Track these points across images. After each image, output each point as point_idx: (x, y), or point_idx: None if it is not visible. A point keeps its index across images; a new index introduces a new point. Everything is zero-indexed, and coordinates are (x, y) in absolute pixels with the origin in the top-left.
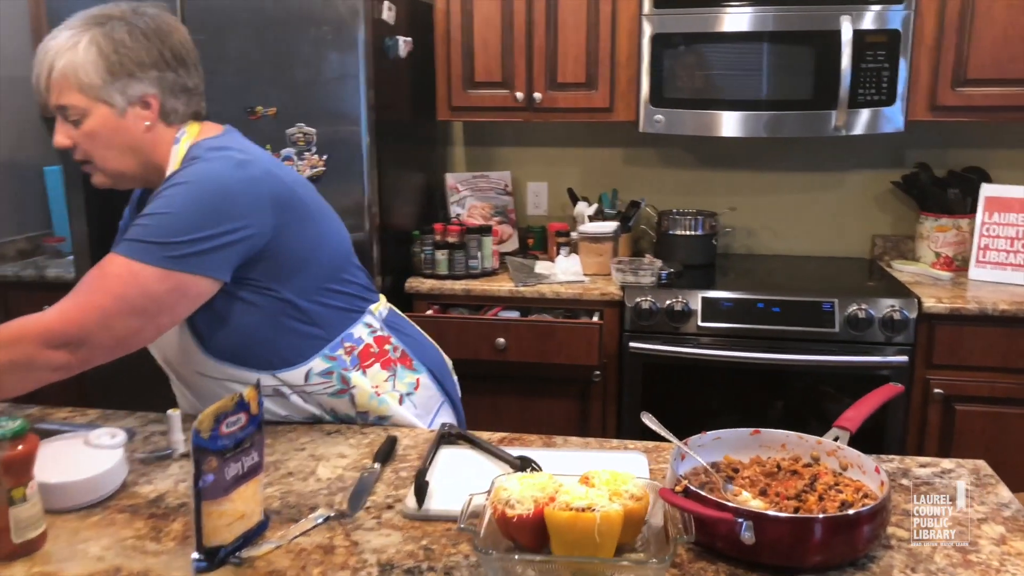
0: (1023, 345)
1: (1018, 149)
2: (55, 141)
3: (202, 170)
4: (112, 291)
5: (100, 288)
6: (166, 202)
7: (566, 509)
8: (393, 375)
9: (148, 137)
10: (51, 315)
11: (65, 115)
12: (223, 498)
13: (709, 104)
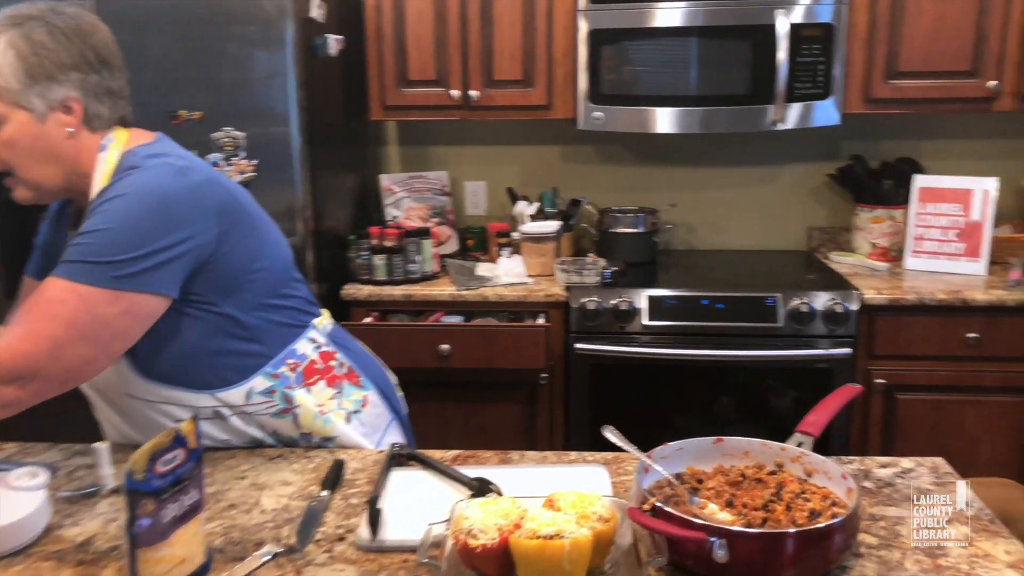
0: (960, 333)
1: (948, 139)
2: None
3: (141, 180)
4: (60, 317)
5: (46, 315)
6: (106, 217)
7: (533, 537)
8: (339, 392)
9: (71, 144)
10: (12, 342)
11: None
12: (161, 543)
13: (645, 100)
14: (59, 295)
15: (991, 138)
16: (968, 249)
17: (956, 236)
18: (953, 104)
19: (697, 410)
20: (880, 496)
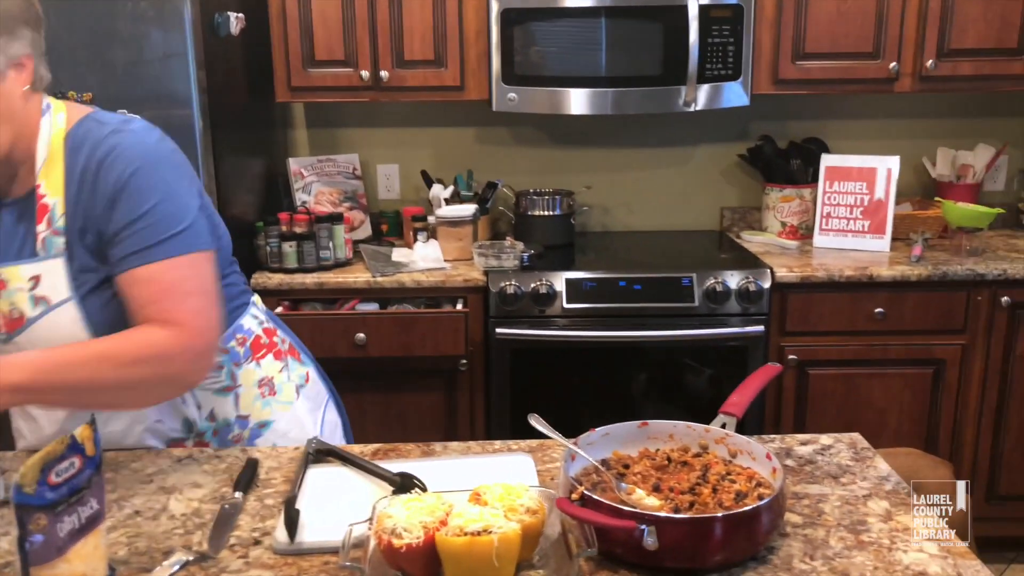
0: (867, 308)
1: (852, 120)
2: None
3: (142, 146)
4: (195, 291)
5: (183, 293)
6: (143, 194)
7: (460, 534)
8: (286, 366)
9: (22, 105)
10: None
11: None
12: (57, 559)
13: (557, 81)
14: (176, 274)
15: (892, 118)
16: (873, 226)
17: (861, 214)
18: (856, 85)
19: (617, 391)
20: (802, 474)
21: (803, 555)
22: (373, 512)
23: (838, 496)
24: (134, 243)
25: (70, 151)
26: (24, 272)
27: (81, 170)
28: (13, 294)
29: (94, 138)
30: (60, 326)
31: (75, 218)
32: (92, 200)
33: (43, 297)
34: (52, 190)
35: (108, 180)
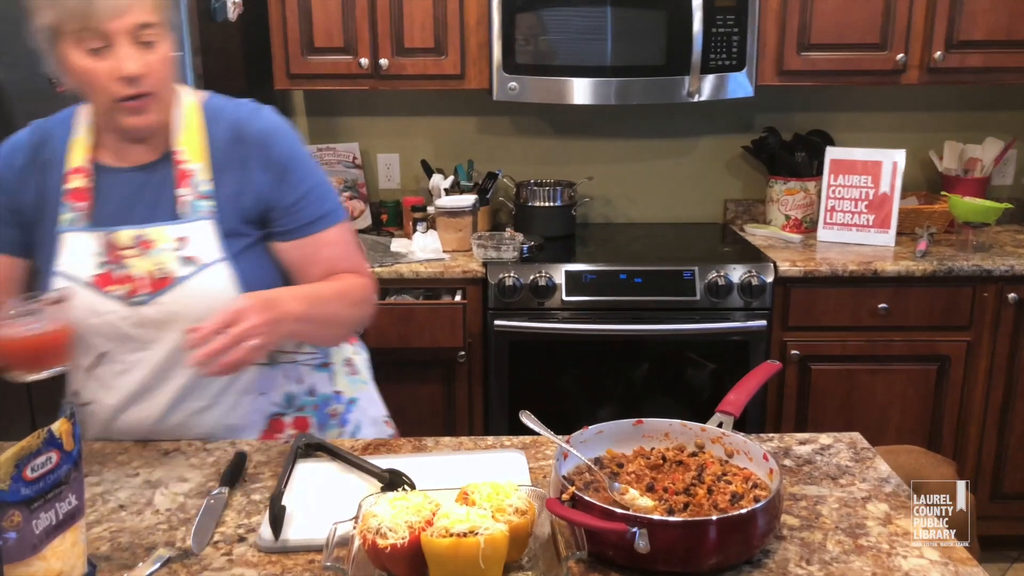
0: (870, 304)
1: (857, 112)
2: (130, 67)
3: (288, 126)
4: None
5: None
6: (308, 168)
7: (445, 535)
8: (359, 347)
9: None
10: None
11: (139, 37)
12: (32, 557)
13: (560, 71)
14: (350, 235)
15: (899, 110)
16: (877, 220)
17: (866, 208)
18: (863, 76)
19: (617, 385)
20: (800, 475)
21: (799, 559)
22: (359, 510)
23: (836, 498)
24: (315, 210)
25: (210, 121)
26: (171, 233)
27: (230, 140)
28: (160, 254)
29: (238, 112)
30: (212, 284)
31: (226, 184)
32: (249, 171)
33: (192, 258)
34: (193, 156)
35: (271, 153)
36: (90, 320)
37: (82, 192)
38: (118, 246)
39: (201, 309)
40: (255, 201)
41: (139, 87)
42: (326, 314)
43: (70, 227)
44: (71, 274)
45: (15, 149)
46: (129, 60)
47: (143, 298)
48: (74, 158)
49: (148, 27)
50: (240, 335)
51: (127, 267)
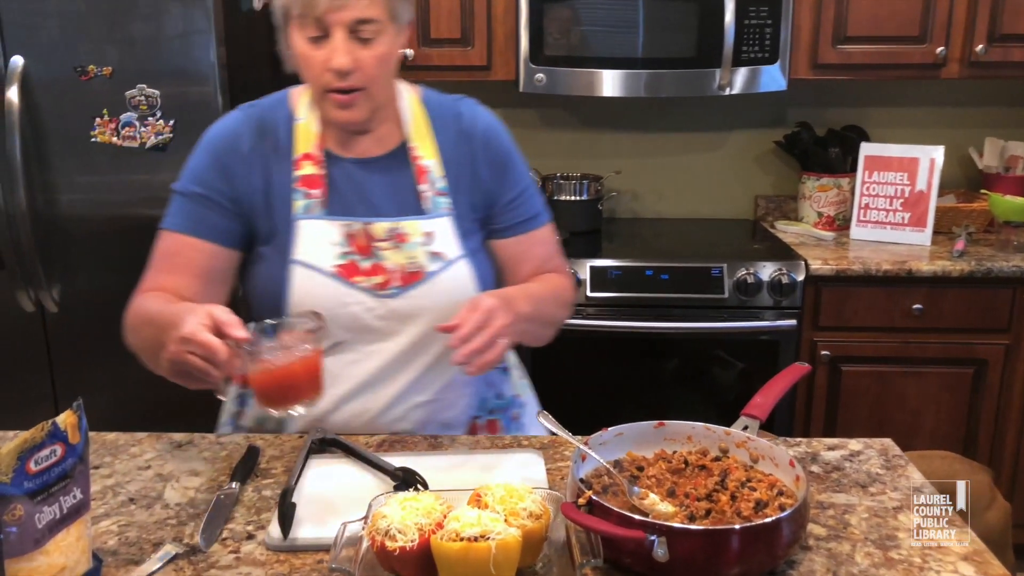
0: (904, 304)
1: (894, 107)
2: (341, 60)
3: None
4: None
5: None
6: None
7: (456, 539)
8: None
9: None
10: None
11: (357, 32)
12: (34, 551)
13: (590, 62)
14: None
15: (938, 105)
16: (913, 219)
17: (901, 205)
18: (901, 70)
19: (641, 384)
20: (828, 482)
21: (826, 571)
22: (368, 510)
23: (866, 507)
24: (530, 208)
25: (433, 118)
26: (421, 227)
27: (455, 136)
28: (413, 248)
29: (459, 108)
30: (456, 281)
31: (459, 181)
32: (477, 167)
33: (438, 253)
34: (426, 152)
35: (495, 150)
36: (334, 311)
37: (315, 179)
38: (374, 237)
39: (445, 304)
40: (482, 198)
41: (348, 81)
42: (545, 314)
43: (306, 215)
44: (311, 263)
45: (237, 135)
46: (341, 53)
47: (393, 291)
48: (302, 143)
49: (368, 23)
50: (495, 333)
51: (379, 259)
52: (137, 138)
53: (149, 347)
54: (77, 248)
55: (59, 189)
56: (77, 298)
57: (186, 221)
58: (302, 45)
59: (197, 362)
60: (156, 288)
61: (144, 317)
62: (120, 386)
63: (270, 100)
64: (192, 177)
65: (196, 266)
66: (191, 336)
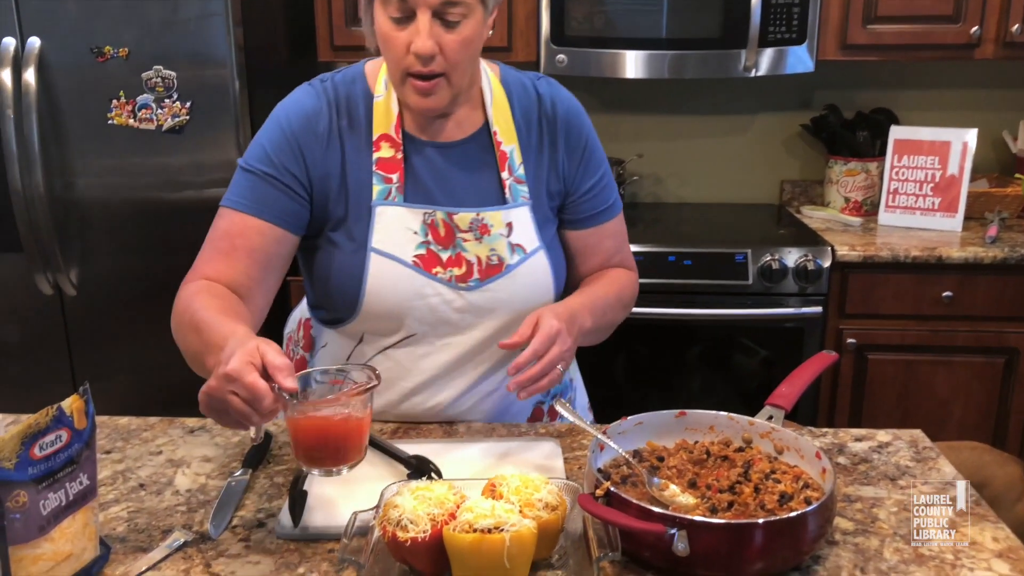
0: (934, 292)
1: (926, 89)
2: (424, 44)
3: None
4: None
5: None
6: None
7: (469, 530)
8: None
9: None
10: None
11: (443, 14)
12: (39, 539)
13: (613, 43)
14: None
15: (971, 87)
16: (944, 204)
17: (932, 190)
18: (933, 51)
19: (663, 371)
20: (855, 474)
21: (853, 567)
22: (380, 500)
23: (895, 501)
24: (604, 199)
25: (513, 99)
26: (503, 218)
27: (536, 119)
28: (496, 239)
29: (538, 88)
30: (534, 274)
31: (538, 168)
32: (556, 153)
33: (519, 245)
34: (506, 137)
35: (577, 136)
36: (411, 303)
37: (393, 163)
38: (458, 228)
39: (523, 297)
40: (560, 185)
41: (430, 66)
42: (606, 322)
43: (384, 201)
44: (389, 252)
45: (314, 113)
46: (425, 36)
47: (472, 284)
48: (380, 123)
49: (455, 5)
50: (553, 360)
51: (461, 250)
52: (154, 120)
53: (191, 354)
54: (95, 231)
55: (77, 172)
56: (95, 281)
57: (252, 201)
58: (384, 24)
59: (238, 404)
60: (212, 273)
61: (192, 320)
62: (138, 369)
63: (344, 75)
64: (262, 155)
65: (258, 250)
66: (237, 376)
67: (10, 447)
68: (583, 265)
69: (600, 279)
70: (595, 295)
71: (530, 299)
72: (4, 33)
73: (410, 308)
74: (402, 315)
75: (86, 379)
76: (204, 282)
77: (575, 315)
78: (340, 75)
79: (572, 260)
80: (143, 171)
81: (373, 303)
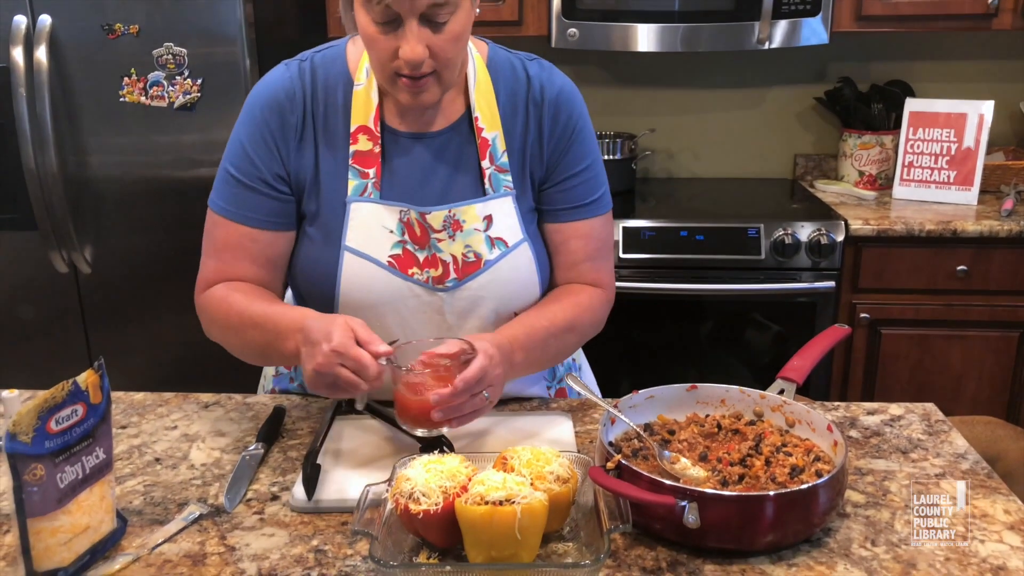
0: (948, 266)
1: (942, 60)
2: (413, 52)
3: (575, 89)
4: (612, 247)
5: (609, 248)
6: (588, 143)
7: (480, 503)
8: None
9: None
10: (605, 291)
11: (433, 17)
12: (56, 511)
13: (624, 16)
14: (604, 231)
15: (988, 59)
16: (959, 177)
17: (947, 163)
18: (949, 21)
19: (675, 346)
20: (867, 447)
21: (864, 539)
22: (392, 473)
23: (907, 474)
24: (580, 194)
25: (498, 82)
26: (480, 211)
27: (523, 103)
28: (470, 235)
29: (527, 71)
30: (517, 269)
31: (523, 155)
32: (540, 138)
33: (499, 238)
34: (489, 124)
35: (566, 120)
36: (388, 305)
37: (370, 157)
38: (432, 227)
39: (506, 294)
40: (542, 172)
41: (420, 70)
42: (548, 356)
43: (359, 197)
44: (363, 252)
45: (287, 101)
46: (413, 44)
47: (450, 284)
48: (358, 114)
49: (442, 6)
50: (481, 402)
51: (436, 250)
52: (165, 98)
53: (254, 348)
54: (108, 209)
55: (89, 150)
56: (109, 259)
57: (239, 208)
58: (368, 27)
59: (347, 375)
60: (224, 279)
61: (246, 318)
62: (153, 346)
63: (324, 56)
64: (239, 156)
65: (258, 256)
66: (343, 350)
67: (27, 421)
68: (550, 264)
69: (555, 302)
70: (536, 326)
71: (514, 295)
72: (16, 11)
73: (388, 310)
74: (380, 316)
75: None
76: (228, 284)
77: (509, 353)
78: (320, 55)
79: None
80: (155, 149)
81: (349, 303)
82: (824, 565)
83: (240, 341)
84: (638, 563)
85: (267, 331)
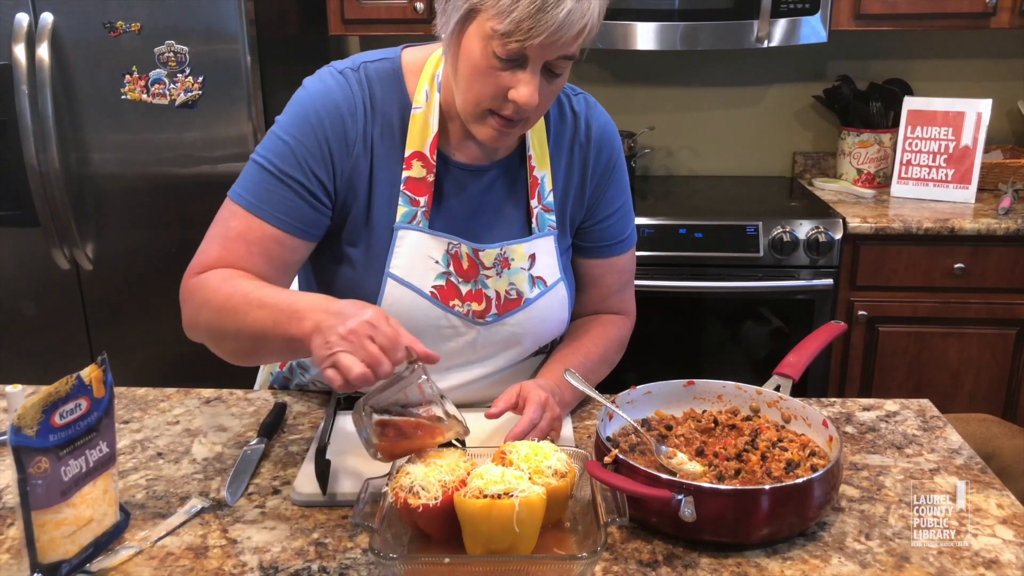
0: (945, 264)
1: (940, 59)
2: (531, 98)
3: (613, 125)
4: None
5: (634, 280)
6: (623, 180)
7: (479, 496)
8: None
9: None
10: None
11: (554, 68)
12: (61, 504)
13: (623, 14)
14: (633, 264)
15: (986, 57)
16: (957, 175)
17: (945, 162)
18: (948, 20)
19: (673, 343)
20: (863, 443)
21: (858, 533)
22: (392, 467)
23: (901, 469)
24: (617, 231)
25: (547, 119)
26: (526, 250)
27: (569, 142)
28: (516, 273)
29: (574, 106)
30: (551, 308)
31: (566, 193)
32: (586, 176)
33: (539, 277)
34: (540, 162)
35: (607, 161)
36: (423, 333)
37: (422, 185)
38: (483, 264)
39: (537, 331)
40: (583, 212)
41: (521, 115)
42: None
43: (407, 225)
44: (407, 280)
45: (348, 114)
46: (532, 90)
47: (490, 319)
48: (415, 139)
49: (568, 59)
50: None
51: (482, 286)
52: (167, 95)
53: (254, 331)
54: (110, 206)
55: (91, 147)
56: (111, 255)
57: (270, 206)
58: (481, 60)
59: (374, 349)
60: (225, 267)
61: (253, 299)
62: (155, 342)
63: (378, 70)
64: (285, 152)
65: (275, 258)
66: (378, 324)
67: (31, 415)
68: (580, 296)
69: (586, 336)
70: (579, 358)
71: (546, 332)
72: (18, 9)
73: (421, 338)
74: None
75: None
76: (230, 269)
77: (557, 387)
78: (374, 66)
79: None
80: (157, 146)
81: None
82: (818, 558)
83: (236, 325)
84: (635, 556)
85: (278, 311)
